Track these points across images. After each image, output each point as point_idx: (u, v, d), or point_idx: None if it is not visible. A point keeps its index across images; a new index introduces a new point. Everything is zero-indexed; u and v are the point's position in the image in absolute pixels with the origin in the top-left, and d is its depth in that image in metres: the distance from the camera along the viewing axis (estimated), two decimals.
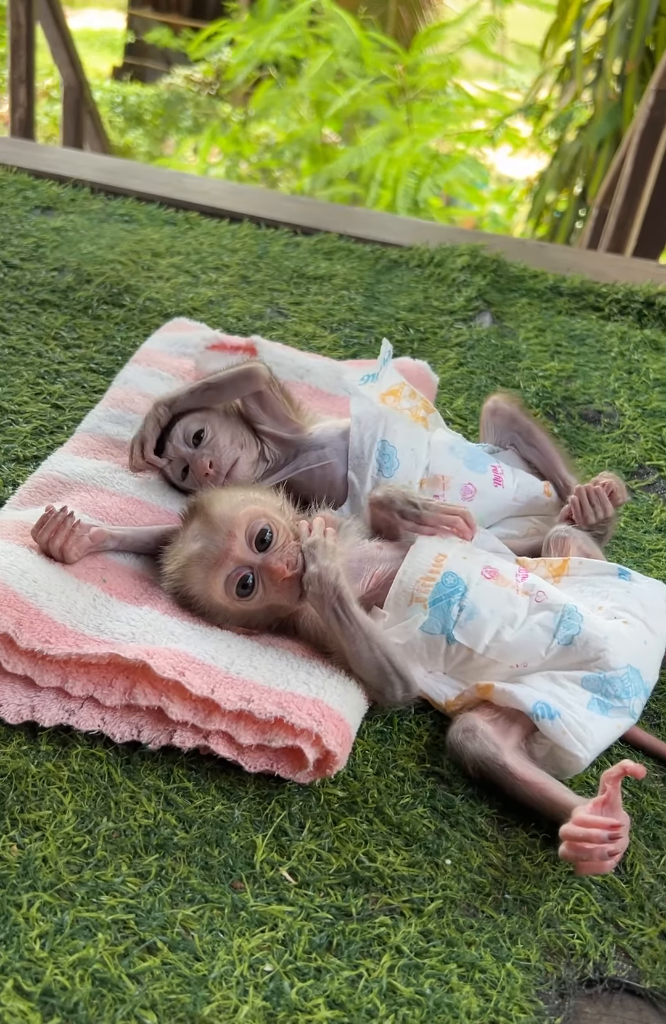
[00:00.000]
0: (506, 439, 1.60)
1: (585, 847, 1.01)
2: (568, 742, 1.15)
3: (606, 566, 1.34)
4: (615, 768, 1.04)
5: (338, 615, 1.20)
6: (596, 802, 1.04)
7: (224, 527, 1.25)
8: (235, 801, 1.13)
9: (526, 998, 0.97)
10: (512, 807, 1.16)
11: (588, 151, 7.21)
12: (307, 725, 1.12)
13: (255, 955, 0.97)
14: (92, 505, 1.42)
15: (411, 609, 1.27)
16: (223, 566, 1.25)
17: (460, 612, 1.26)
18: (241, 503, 1.27)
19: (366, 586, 1.30)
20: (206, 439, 1.52)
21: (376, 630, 1.23)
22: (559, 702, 1.17)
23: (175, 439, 1.52)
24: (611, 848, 1.00)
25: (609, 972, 1.01)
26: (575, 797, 1.11)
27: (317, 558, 1.22)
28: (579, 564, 1.35)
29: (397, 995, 0.95)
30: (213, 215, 2.82)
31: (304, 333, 2.19)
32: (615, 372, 2.21)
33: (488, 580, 1.28)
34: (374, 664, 1.21)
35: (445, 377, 2.11)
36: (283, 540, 1.26)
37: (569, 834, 1.02)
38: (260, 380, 1.55)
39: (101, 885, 1.01)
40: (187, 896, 1.01)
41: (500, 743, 1.16)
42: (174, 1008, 0.91)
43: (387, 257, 2.65)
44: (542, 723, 1.16)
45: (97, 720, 1.16)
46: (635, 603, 1.28)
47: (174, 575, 1.29)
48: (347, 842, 1.10)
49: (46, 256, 2.35)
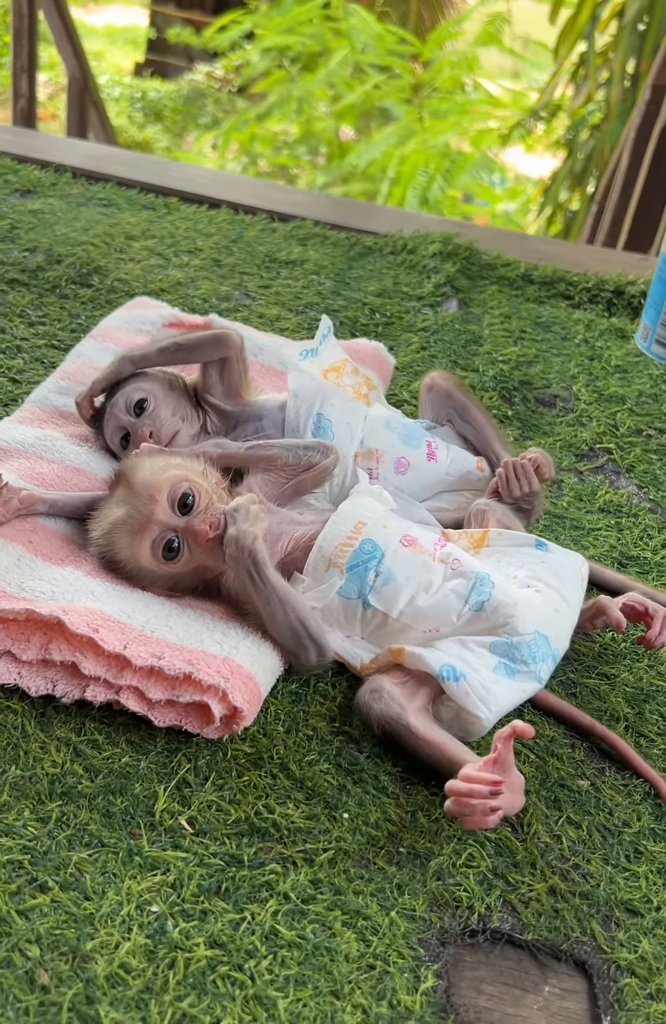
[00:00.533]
0: (443, 415, 1.62)
1: (468, 802, 1.03)
2: (471, 703, 1.18)
3: (524, 537, 1.37)
4: (506, 728, 1.06)
5: (253, 577, 1.23)
6: (486, 760, 1.07)
7: (146, 492, 1.28)
8: (143, 754, 1.16)
9: (406, 944, 1.00)
10: (417, 767, 1.18)
11: (601, 150, 7.21)
12: (214, 681, 1.15)
13: (144, 896, 1.00)
14: (30, 471, 1.45)
15: (328, 574, 1.30)
16: (147, 531, 1.27)
17: (376, 578, 1.28)
18: (162, 468, 1.30)
19: (284, 549, 1.33)
20: (148, 409, 1.54)
21: (292, 594, 1.25)
22: (465, 665, 1.20)
23: (116, 407, 1.55)
24: (493, 804, 1.03)
25: (493, 924, 1.04)
26: (473, 756, 1.13)
27: (237, 521, 1.25)
28: (498, 536, 1.37)
29: (278, 938, 0.98)
30: (193, 201, 2.85)
31: (269, 315, 2.22)
32: (576, 358, 2.22)
33: (406, 548, 1.30)
34: (288, 627, 1.24)
35: (406, 360, 2.13)
36: (205, 503, 1.29)
37: (453, 789, 1.05)
38: (231, 346, 1.58)
39: (1, 828, 1.04)
40: (85, 841, 1.04)
41: (405, 704, 1.18)
42: (58, 942, 0.94)
43: (362, 244, 2.68)
44: (447, 685, 1.19)
45: (14, 674, 1.19)
46: (549, 573, 1.31)
47: (100, 540, 1.32)
48: (248, 795, 1.13)
49: (20, 237, 2.38)
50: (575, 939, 1.04)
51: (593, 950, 1.03)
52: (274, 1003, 0.92)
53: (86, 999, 0.89)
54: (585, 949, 1.03)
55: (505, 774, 1.07)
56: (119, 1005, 0.89)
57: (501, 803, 1.04)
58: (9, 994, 0.89)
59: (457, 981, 0.98)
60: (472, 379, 2.07)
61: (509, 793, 1.06)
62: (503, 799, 1.04)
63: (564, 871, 1.10)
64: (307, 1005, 0.93)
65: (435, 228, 2.83)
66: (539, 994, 0.99)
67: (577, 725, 1.29)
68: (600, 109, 7.32)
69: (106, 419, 1.55)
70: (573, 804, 1.19)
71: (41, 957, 0.92)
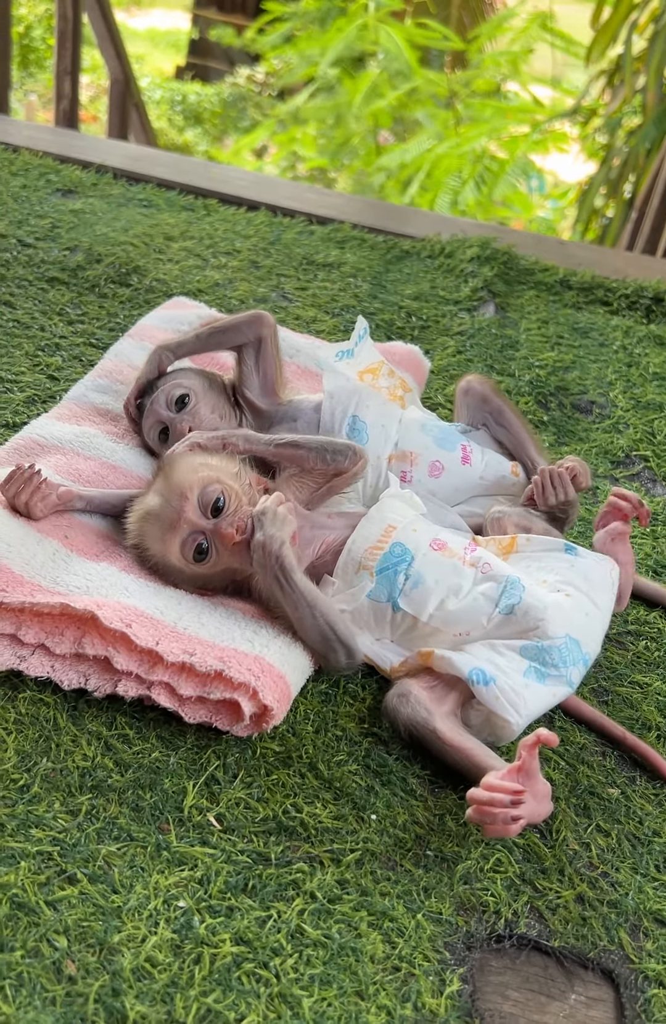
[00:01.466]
0: (478, 419, 1.62)
1: (489, 811, 1.03)
2: (501, 707, 1.17)
3: (553, 542, 1.36)
4: (530, 736, 1.06)
5: (280, 583, 1.23)
6: (510, 768, 1.06)
7: (178, 489, 1.29)
8: (173, 750, 1.16)
9: (432, 947, 1.00)
10: (445, 770, 1.18)
11: (637, 156, 7.15)
12: (245, 679, 1.15)
13: (171, 891, 1.00)
14: (66, 467, 1.47)
15: (358, 577, 1.30)
16: (178, 529, 1.28)
17: (406, 581, 1.28)
18: (196, 467, 1.31)
19: (316, 552, 1.34)
20: (189, 406, 1.55)
21: (320, 599, 1.25)
22: (496, 669, 1.19)
23: (157, 403, 1.56)
24: (515, 813, 1.02)
25: (519, 929, 1.03)
26: (500, 762, 1.13)
27: (264, 525, 1.25)
28: (527, 541, 1.37)
29: (304, 937, 0.98)
30: (232, 203, 2.87)
31: (305, 317, 2.23)
32: (614, 364, 2.21)
33: (435, 552, 1.30)
34: (317, 631, 1.24)
35: (442, 364, 2.13)
36: (235, 506, 1.29)
37: (475, 798, 1.04)
38: (265, 324, 1.60)
39: (32, 819, 1.05)
40: (114, 834, 1.05)
41: (433, 709, 1.18)
42: (85, 934, 0.95)
43: (399, 247, 2.68)
44: (477, 689, 1.18)
45: (47, 667, 1.21)
46: (579, 577, 1.30)
47: (133, 528, 1.34)
48: (276, 793, 1.13)
49: (61, 236, 2.41)
50: (602, 948, 1.03)
51: (621, 959, 1.02)
52: (298, 1001, 0.92)
53: (112, 991, 0.90)
54: (612, 958, 1.02)
55: (529, 782, 1.06)
56: (145, 998, 0.90)
57: (523, 812, 1.03)
58: (36, 984, 0.89)
59: (482, 986, 0.98)
60: (508, 384, 2.07)
61: (533, 801, 1.05)
62: (526, 808, 1.03)
63: (592, 879, 1.10)
64: (331, 1005, 0.93)
65: (473, 232, 2.83)
66: (565, 1002, 0.98)
67: (608, 735, 1.28)
68: (636, 113, 7.26)
69: (145, 414, 1.57)
70: (603, 812, 1.18)
71: (68, 948, 0.93)
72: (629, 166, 7.34)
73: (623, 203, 7.52)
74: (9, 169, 2.80)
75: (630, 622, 1.50)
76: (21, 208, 2.54)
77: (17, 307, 2.08)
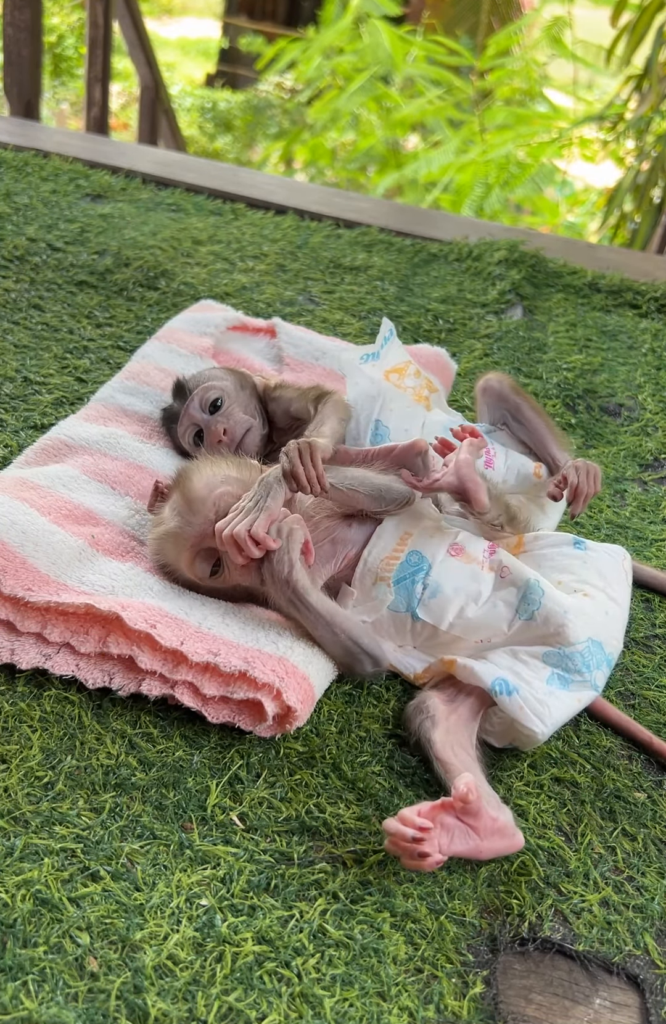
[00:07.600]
0: (498, 417, 1.61)
1: (397, 843, 1.01)
2: (525, 717, 1.16)
3: (560, 537, 1.35)
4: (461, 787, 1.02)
5: (295, 605, 1.23)
6: (434, 805, 1.03)
7: (192, 507, 1.28)
8: (196, 749, 1.16)
9: (455, 949, 0.99)
10: None
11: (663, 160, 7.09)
12: (269, 680, 1.15)
13: (193, 890, 1.00)
14: (93, 467, 1.48)
15: (376, 588, 1.29)
16: (190, 547, 1.28)
17: (424, 590, 1.27)
18: (213, 485, 1.29)
19: (338, 567, 1.33)
20: (222, 408, 1.56)
21: (339, 614, 1.24)
22: (518, 678, 1.18)
23: (191, 406, 1.57)
24: (421, 849, 1.00)
25: (543, 933, 1.02)
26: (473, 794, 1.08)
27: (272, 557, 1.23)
28: (534, 538, 1.36)
29: (326, 937, 0.98)
30: (260, 207, 2.88)
31: (332, 320, 2.23)
32: (643, 367, 2.19)
33: (453, 557, 1.29)
34: (339, 646, 1.23)
35: (469, 366, 2.12)
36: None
37: (387, 829, 1.02)
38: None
39: (56, 816, 1.06)
40: (137, 832, 1.06)
41: (440, 720, 1.17)
42: (108, 931, 0.95)
43: (426, 251, 2.67)
44: (500, 699, 1.17)
45: (72, 665, 1.21)
46: (593, 574, 1.29)
47: (152, 545, 1.34)
48: (299, 793, 1.13)
49: (89, 240, 2.43)
50: (628, 952, 1.02)
51: (646, 964, 1.01)
52: (320, 1001, 0.92)
53: (134, 988, 0.90)
54: (638, 963, 1.01)
55: (475, 820, 1.03)
56: (166, 996, 0.90)
57: (429, 849, 1.00)
58: (59, 979, 0.90)
59: (505, 989, 0.97)
60: (535, 386, 2.06)
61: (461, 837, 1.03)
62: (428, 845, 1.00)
63: (618, 883, 1.09)
64: (353, 1005, 0.92)
65: (501, 236, 2.82)
66: (589, 1006, 0.97)
67: (634, 739, 1.27)
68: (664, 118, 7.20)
69: (180, 418, 1.58)
70: (629, 816, 1.17)
71: (91, 945, 0.93)
72: (657, 171, 7.29)
73: (652, 208, 7.47)
74: (39, 174, 2.82)
75: (658, 625, 1.48)
76: (51, 212, 2.56)
77: (46, 310, 2.10)
